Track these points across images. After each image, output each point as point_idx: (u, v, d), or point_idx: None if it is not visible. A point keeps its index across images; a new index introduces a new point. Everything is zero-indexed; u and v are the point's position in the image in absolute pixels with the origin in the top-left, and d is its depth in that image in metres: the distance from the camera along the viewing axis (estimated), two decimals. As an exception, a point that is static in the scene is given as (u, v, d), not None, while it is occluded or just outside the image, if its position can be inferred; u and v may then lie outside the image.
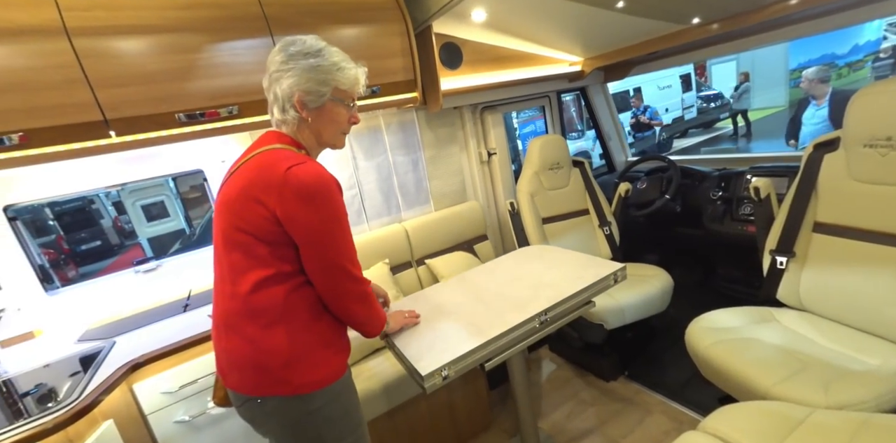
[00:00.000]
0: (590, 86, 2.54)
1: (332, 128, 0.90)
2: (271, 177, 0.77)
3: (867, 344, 1.17)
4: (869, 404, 0.96)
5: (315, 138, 0.90)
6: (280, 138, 0.87)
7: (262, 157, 0.82)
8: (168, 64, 1.20)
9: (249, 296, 0.80)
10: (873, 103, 1.15)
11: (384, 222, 2.01)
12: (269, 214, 0.77)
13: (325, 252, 0.81)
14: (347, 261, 0.83)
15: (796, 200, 1.36)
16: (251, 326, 0.81)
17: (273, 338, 0.81)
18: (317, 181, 0.77)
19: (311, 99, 0.85)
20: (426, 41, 1.74)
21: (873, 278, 1.18)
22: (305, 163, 0.79)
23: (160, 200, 1.65)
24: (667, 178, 2.08)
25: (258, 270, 0.80)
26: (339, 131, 0.91)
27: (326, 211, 0.78)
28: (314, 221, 0.78)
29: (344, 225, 0.82)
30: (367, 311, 0.91)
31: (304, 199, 0.76)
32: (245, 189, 0.80)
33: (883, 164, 1.15)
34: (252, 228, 0.79)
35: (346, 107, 0.89)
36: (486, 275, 1.42)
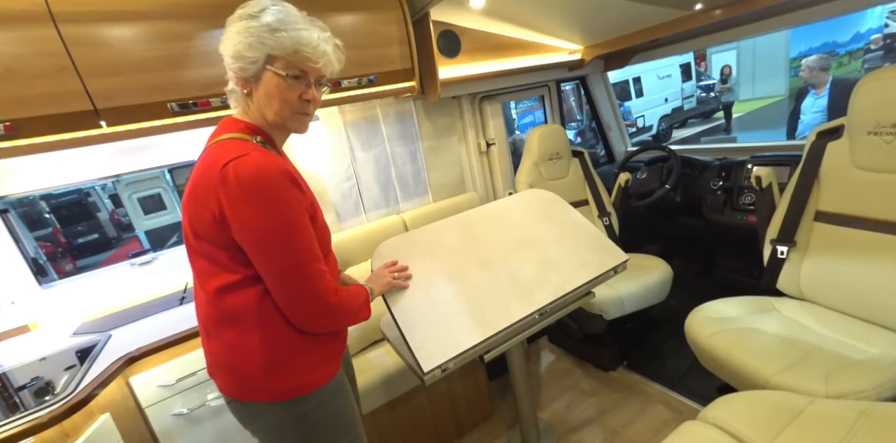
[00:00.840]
0: (590, 75, 2.50)
1: (274, 105, 0.74)
2: (210, 177, 0.68)
3: (868, 333, 1.16)
4: (869, 393, 0.96)
5: (261, 118, 0.77)
6: (232, 125, 0.77)
7: (208, 152, 0.74)
8: (160, 52, 1.17)
9: (221, 302, 0.75)
10: (879, 90, 1.13)
11: (382, 214, 1.99)
12: (214, 218, 0.69)
13: (271, 257, 0.70)
14: (301, 267, 0.71)
15: (798, 188, 1.34)
16: (228, 332, 0.77)
17: (250, 344, 0.75)
18: (255, 174, 0.66)
19: (240, 67, 0.72)
20: (424, 29, 1.70)
21: (875, 268, 1.18)
22: (246, 155, 0.68)
23: (157, 193, 1.63)
24: (667, 168, 2.06)
25: (224, 276, 0.74)
26: (289, 110, 0.75)
27: (269, 208, 0.68)
28: (255, 220, 0.68)
29: (296, 224, 0.71)
30: (336, 321, 0.80)
31: (242, 197, 0.66)
32: (191, 192, 0.72)
33: (888, 151, 1.13)
34: (206, 234, 0.72)
35: (286, 79, 0.72)
36: (492, 224, 1.28)
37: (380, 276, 0.99)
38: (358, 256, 1.75)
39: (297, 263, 0.71)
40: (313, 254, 0.73)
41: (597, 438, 1.53)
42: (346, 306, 0.80)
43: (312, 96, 0.76)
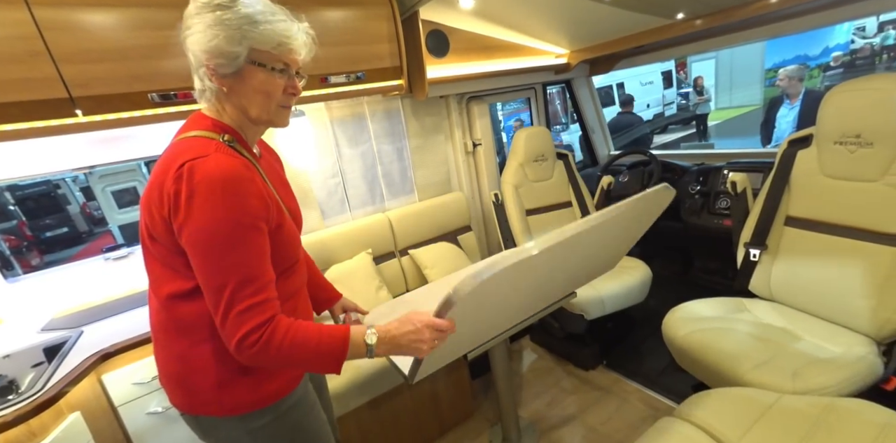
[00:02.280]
0: (575, 79, 2.55)
1: (259, 100, 0.70)
2: (166, 176, 0.62)
3: (832, 333, 1.22)
4: (832, 389, 1.01)
5: (241, 114, 0.72)
6: (199, 122, 0.71)
7: (169, 149, 0.68)
8: (142, 40, 1.13)
9: (173, 310, 0.70)
10: (845, 102, 1.19)
11: (368, 212, 1.98)
12: (164, 220, 0.64)
13: (201, 269, 0.63)
14: (226, 289, 0.62)
15: (770, 194, 1.40)
16: (178, 343, 0.72)
17: (201, 356, 0.70)
18: (208, 177, 0.60)
19: (221, 63, 0.66)
20: (413, 27, 1.70)
21: (839, 271, 1.24)
22: (206, 157, 0.62)
23: (132, 187, 1.57)
24: (648, 171, 2.12)
25: (178, 282, 0.68)
26: (274, 104, 0.71)
27: (211, 215, 0.61)
28: (193, 225, 0.61)
29: (237, 237, 0.62)
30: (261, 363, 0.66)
31: (188, 199, 0.61)
32: (147, 192, 0.67)
33: (852, 160, 1.20)
34: (160, 237, 0.66)
35: (272, 73, 0.68)
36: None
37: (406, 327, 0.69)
38: (342, 254, 1.74)
39: (222, 283, 0.62)
40: (250, 275, 0.63)
41: (576, 435, 1.56)
42: (283, 352, 0.63)
43: (297, 88, 0.73)
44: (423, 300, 1.27)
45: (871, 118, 1.12)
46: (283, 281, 0.75)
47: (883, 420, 0.86)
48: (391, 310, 1.23)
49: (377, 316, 1.20)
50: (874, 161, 1.14)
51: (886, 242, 1.15)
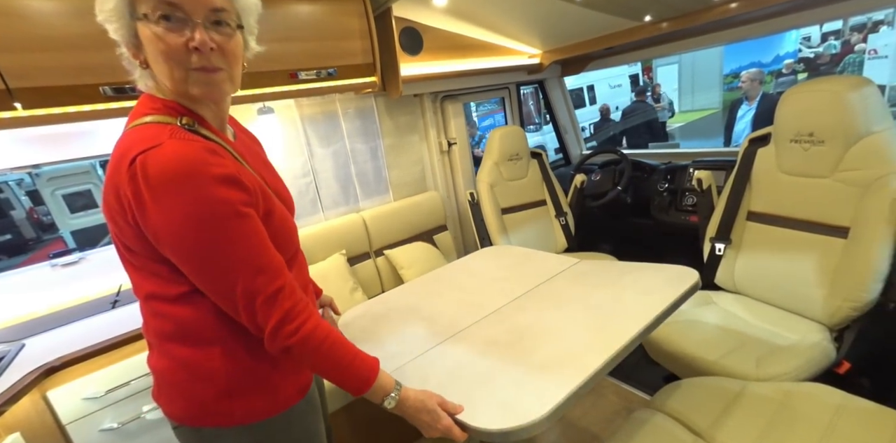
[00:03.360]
0: (548, 79, 2.59)
1: (161, 66, 0.57)
2: (119, 176, 0.54)
3: (790, 322, 1.29)
4: (791, 375, 1.06)
5: (163, 85, 0.60)
6: (148, 104, 0.61)
7: (118, 143, 0.59)
8: (92, 28, 1.04)
9: (170, 315, 0.63)
10: (799, 102, 1.25)
11: (341, 212, 1.93)
12: (132, 227, 0.56)
13: (197, 274, 0.58)
14: (237, 285, 0.57)
15: (733, 190, 1.46)
16: (181, 350, 0.64)
17: (209, 361, 0.63)
18: (163, 170, 0.52)
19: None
20: (386, 24, 1.68)
21: (795, 262, 1.31)
22: (158, 146, 0.53)
23: (87, 190, 1.46)
24: (619, 170, 2.17)
25: (168, 288, 0.61)
26: (181, 69, 0.57)
27: (181, 211, 0.53)
28: (167, 229, 0.54)
29: (223, 229, 0.56)
30: (297, 360, 0.62)
31: (150, 199, 0.53)
32: (105, 197, 0.58)
33: (806, 157, 1.26)
34: (135, 247, 0.59)
35: (157, 23, 0.55)
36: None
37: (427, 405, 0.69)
38: (315, 256, 1.68)
39: (228, 284, 0.57)
40: (256, 265, 0.58)
41: (554, 430, 1.56)
42: (319, 350, 0.62)
43: (200, 40, 0.55)
44: (398, 300, 1.25)
45: (823, 118, 1.19)
46: None
47: (837, 402, 0.91)
48: (366, 310, 1.20)
49: (352, 318, 1.17)
50: (825, 158, 1.21)
51: (836, 234, 1.22)
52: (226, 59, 0.59)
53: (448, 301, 1.18)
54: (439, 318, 1.09)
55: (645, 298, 0.94)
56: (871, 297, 1.10)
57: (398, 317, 1.13)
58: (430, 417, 0.67)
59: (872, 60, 6.09)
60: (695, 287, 0.96)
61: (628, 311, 0.91)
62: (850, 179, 1.17)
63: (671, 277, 1.02)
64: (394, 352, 0.96)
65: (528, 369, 0.78)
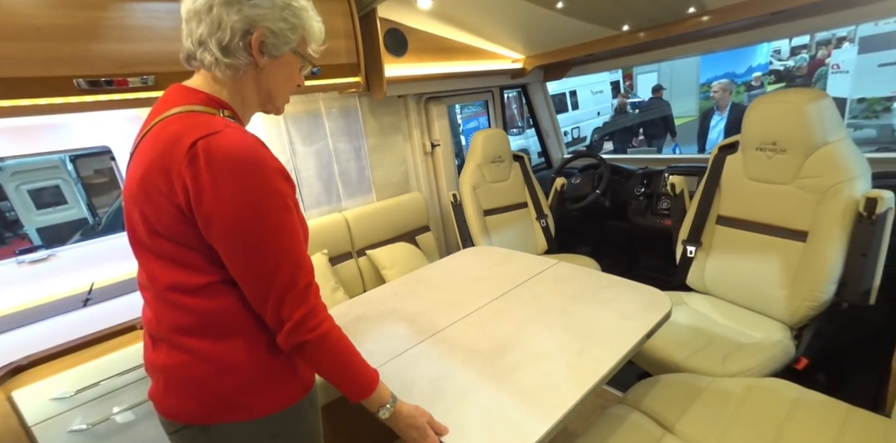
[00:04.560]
0: (530, 83, 2.64)
1: (285, 86, 0.71)
2: (172, 158, 0.56)
3: (754, 321, 1.35)
4: (754, 371, 1.12)
5: (257, 96, 0.69)
6: (189, 96, 0.63)
7: (162, 128, 0.60)
8: (65, 19, 1.02)
9: (191, 308, 0.62)
10: (764, 112, 1.32)
11: (323, 212, 1.92)
12: (179, 211, 0.57)
13: (249, 260, 0.59)
14: (288, 273, 0.59)
15: (703, 195, 1.53)
16: (201, 343, 0.63)
17: (232, 353, 0.63)
18: (234, 155, 0.55)
19: (274, 43, 0.65)
20: (371, 25, 1.68)
21: (760, 264, 1.37)
22: (220, 132, 0.56)
23: (54, 185, 1.41)
24: (598, 174, 2.23)
25: (193, 278, 0.61)
26: (289, 92, 0.74)
27: (251, 198, 0.56)
28: (231, 212, 0.56)
29: (283, 220, 0.60)
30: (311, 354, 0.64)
31: (218, 182, 0.54)
32: (143, 179, 0.59)
33: (770, 165, 1.33)
34: (169, 232, 0.59)
35: (306, 65, 0.73)
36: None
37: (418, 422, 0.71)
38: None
39: (272, 270, 0.59)
40: (295, 259, 0.61)
41: (531, 428, 1.60)
42: (333, 350, 0.64)
43: (303, 81, 0.76)
44: (378, 300, 1.25)
45: (785, 127, 1.26)
46: None
47: (794, 395, 0.97)
48: (347, 310, 1.20)
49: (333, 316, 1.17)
50: (787, 166, 1.28)
51: (797, 238, 1.29)
52: None
53: (428, 301, 1.19)
54: (419, 318, 1.10)
55: (622, 325, 0.97)
56: (826, 297, 1.17)
57: (378, 317, 1.14)
58: (419, 433, 0.70)
59: (836, 74, 6.43)
60: (667, 317, 1.01)
61: (606, 338, 0.94)
62: (809, 186, 1.25)
63: (646, 302, 1.07)
64: (372, 351, 0.97)
65: (510, 393, 0.80)
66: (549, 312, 1.06)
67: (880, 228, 1.11)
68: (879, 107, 5.80)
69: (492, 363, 0.89)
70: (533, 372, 0.85)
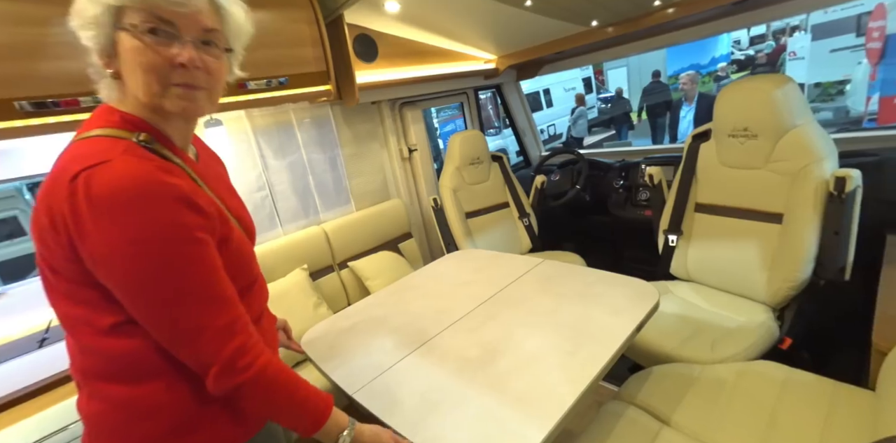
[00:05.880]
0: (504, 83, 2.64)
1: (139, 77, 0.54)
2: (57, 192, 0.49)
3: (737, 305, 1.37)
4: (742, 355, 1.13)
5: (141, 103, 0.56)
6: (104, 116, 0.56)
7: (61, 156, 0.54)
8: (4, 37, 0.97)
9: (101, 350, 0.56)
10: (734, 99, 1.35)
11: (301, 225, 1.87)
12: (65, 249, 0.51)
13: (139, 304, 0.52)
14: (196, 313, 0.53)
15: (681, 184, 1.55)
16: (117, 388, 0.57)
17: (152, 398, 0.57)
18: (113, 189, 0.48)
19: (92, 35, 0.53)
20: (338, 31, 1.66)
21: (740, 249, 1.39)
22: (107, 163, 0.49)
23: (11, 216, 1.32)
24: (577, 170, 2.24)
25: (99, 317, 0.55)
26: (158, 84, 0.54)
27: (143, 228, 0.49)
28: (109, 252, 0.49)
29: (176, 256, 0.52)
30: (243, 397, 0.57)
31: (92, 220, 0.48)
32: (35, 214, 0.53)
33: (743, 151, 1.35)
34: (64, 270, 0.53)
35: (142, 36, 0.52)
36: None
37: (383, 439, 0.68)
38: (275, 273, 1.62)
39: (172, 317, 0.52)
40: (205, 297, 0.54)
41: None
42: (273, 386, 0.58)
43: (188, 57, 0.53)
44: (363, 313, 1.21)
45: (755, 113, 1.28)
46: (245, 304, 0.64)
47: (783, 376, 0.98)
48: (330, 327, 1.16)
49: (315, 336, 1.13)
50: (759, 151, 1.31)
51: (773, 220, 1.31)
52: (210, 79, 0.58)
53: (415, 310, 1.16)
54: (407, 327, 1.07)
55: (612, 320, 0.96)
56: (805, 276, 1.19)
57: (364, 330, 1.10)
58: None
59: (793, 61, 6.71)
60: (655, 308, 1.00)
61: (597, 334, 0.92)
62: (781, 169, 1.27)
63: (634, 294, 1.06)
64: (361, 366, 0.93)
65: (505, 400, 0.78)
66: (539, 313, 1.04)
67: (850, 205, 1.13)
68: (833, 90, 6.06)
69: (484, 370, 0.86)
70: (527, 376, 0.83)
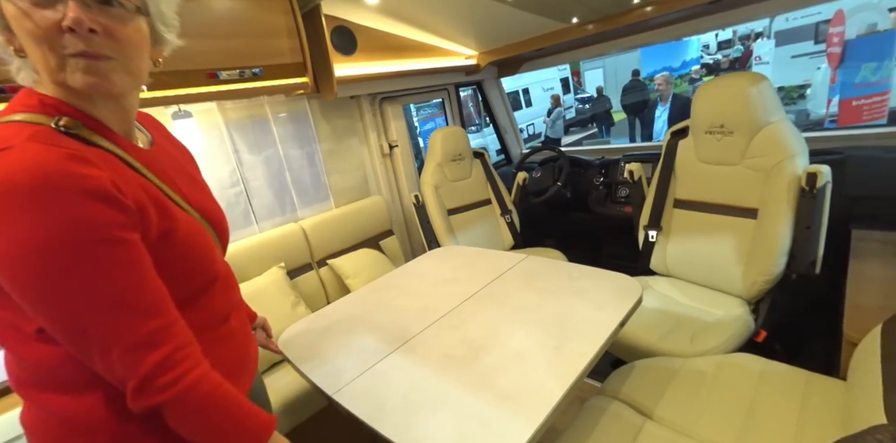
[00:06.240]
0: (485, 80, 2.63)
1: (32, 52, 0.48)
2: None
3: (714, 299, 1.40)
4: (720, 348, 1.15)
5: (53, 82, 0.50)
6: (22, 101, 0.51)
7: None
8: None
9: (34, 358, 0.52)
10: (711, 97, 1.37)
11: (277, 223, 1.80)
12: None
13: (45, 312, 0.46)
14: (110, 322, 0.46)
15: (660, 180, 1.57)
16: (55, 400, 0.52)
17: (91, 414, 0.52)
18: (9, 178, 0.42)
19: None
20: (315, 22, 1.60)
21: (717, 244, 1.42)
22: (13, 148, 0.44)
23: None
24: (558, 167, 2.25)
25: (26, 322, 0.49)
26: (53, 55, 0.47)
27: (26, 230, 0.42)
28: (4, 250, 0.43)
29: (101, 253, 0.46)
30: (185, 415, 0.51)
31: None
32: None
33: (719, 147, 1.38)
34: None
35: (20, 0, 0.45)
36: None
37: None
38: (250, 271, 1.55)
39: (82, 323, 0.46)
40: (119, 304, 0.47)
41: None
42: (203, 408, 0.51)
43: (73, 18, 0.45)
44: (342, 312, 1.17)
45: (730, 110, 1.31)
46: (204, 303, 0.60)
47: (760, 367, 1.00)
48: (308, 326, 1.11)
49: (292, 335, 1.08)
50: (735, 147, 1.33)
51: (748, 215, 1.34)
52: (118, 46, 0.49)
53: (396, 308, 1.13)
54: (388, 326, 1.04)
55: (597, 315, 0.95)
56: (778, 270, 1.23)
57: (344, 329, 1.07)
58: None
59: (759, 65, 7.02)
60: (638, 303, 1.00)
61: (582, 330, 0.91)
62: (756, 165, 1.30)
63: (617, 290, 1.05)
64: (340, 367, 0.90)
65: (490, 398, 0.76)
66: (523, 309, 1.03)
67: (821, 200, 1.17)
68: (795, 94, 6.37)
69: (468, 368, 0.84)
70: (512, 373, 0.81)
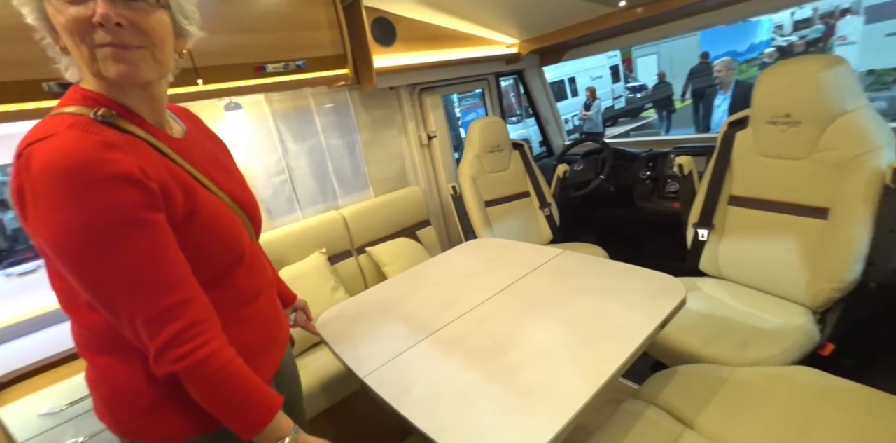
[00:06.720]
0: (526, 69, 2.55)
1: (70, 46, 0.52)
2: (12, 168, 0.50)
3: (772, 305, 1.28)
4: (777, 359, 1.05)
5: (94, 76, 0.55)
6: (70, 96, 0.56)
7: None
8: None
9: (85, 321, 0.59)
10: (775, 83, 1.24)
11: (319, 210, 1.87)
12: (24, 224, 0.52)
13: (78, 283, 0.51)
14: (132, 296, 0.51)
15: (714, 175, 1.45)
16: (101, 360, 0.60)
17: (131, 376, 0.58)
18: (48, 165, 0.47)
19: (28, 11, 0.52)
20: (356, 14, 1.62)
21: (777, 245, 1.30)
22: (49, 138, 0.48)
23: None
24: (601, 159, 2.15)
25: (78, 294, 0.56)
26: (86, 48, 0.51)
27: (77, 208, 0.47)
28: (47, 229, 0.48)
29: (109, 235, 0.49)
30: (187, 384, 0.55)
31: (33, 195, 0.48)
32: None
33: (783, 139, 1.25)
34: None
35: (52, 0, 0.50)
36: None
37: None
38: (292, 256, 1.63)
39: (108, 297, 0.51)
40: (141, 279, 0.51)
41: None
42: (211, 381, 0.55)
43: (101, 13, 0.49)
44: (375, 298, 1.20)
45: (798, 98, 1.18)
46: (230, 283, 0.64)
47: (823, 384, 0.90)
48: (343, 311, 1.15)
49: (328, 318, 1.12)
50: (802, 139, 1.20)
51: (817, 215, 1.21)
52: (143, 36, 0.53)
53: (427, 298, 1.14)
54: (418, 316, 1.05)
55: (633, 315, 0.90)
56: (852, 277, 1.10)
57: (376, 316, 1.09)
58: None
59: (841, 47, 6.24)
60: (681, 304, 0.93)
61: (616, 330, 0.86)
62: (828, 159, 1.17)
63: (658, 289, 0.98)
64: (372, 351, 0.92)
65: (514, 393, 0.74)
66: (555, 305, 1.00)
67: (908, 200, 1.03)
68: (889, 78, 5.62)
69: (494, 362, 0.83)
70: (538, 370, 0.79)
